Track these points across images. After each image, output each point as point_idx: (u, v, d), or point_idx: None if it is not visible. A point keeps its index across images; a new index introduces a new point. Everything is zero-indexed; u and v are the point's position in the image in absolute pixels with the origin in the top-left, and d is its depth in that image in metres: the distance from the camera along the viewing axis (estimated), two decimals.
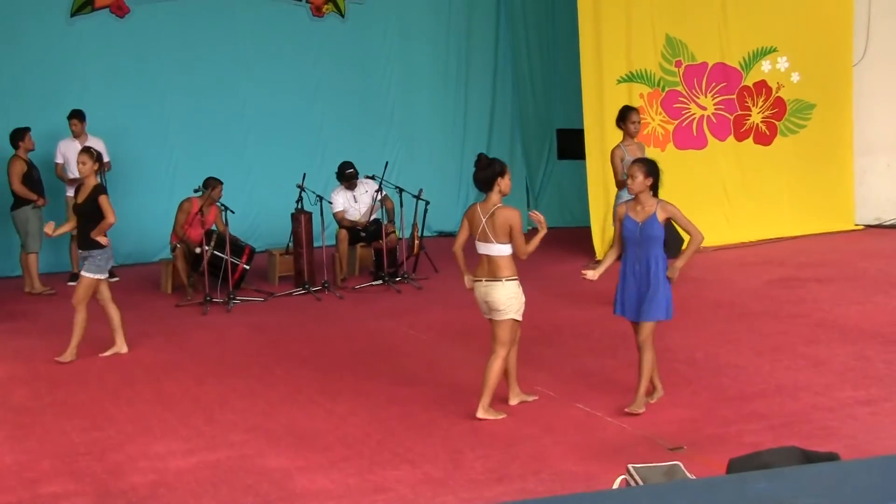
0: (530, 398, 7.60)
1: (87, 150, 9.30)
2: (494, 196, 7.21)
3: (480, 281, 7.26)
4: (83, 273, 9.14)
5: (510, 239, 7.14)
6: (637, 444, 6.68)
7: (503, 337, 7.23)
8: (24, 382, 8.66)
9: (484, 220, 7.17)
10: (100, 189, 9.24)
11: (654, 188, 7.21)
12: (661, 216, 7.13)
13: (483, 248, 7.24)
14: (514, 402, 7.53)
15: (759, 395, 7.54)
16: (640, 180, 7.16)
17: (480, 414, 7.24)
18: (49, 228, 9.34)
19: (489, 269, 7.21)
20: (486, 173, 7.20)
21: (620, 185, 10.00)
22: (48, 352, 9.21)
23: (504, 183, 7.20)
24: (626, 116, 10.43)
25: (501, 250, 7.16)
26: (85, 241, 9.13)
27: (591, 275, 7.33)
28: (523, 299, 7.30)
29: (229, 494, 6.18)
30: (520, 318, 7.30)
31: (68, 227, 9.64)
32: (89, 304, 9.17)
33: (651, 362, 7.22)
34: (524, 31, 15.60)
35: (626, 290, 7.28)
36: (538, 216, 7.30)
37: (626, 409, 7.18)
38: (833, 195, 14.15)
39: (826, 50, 14.05)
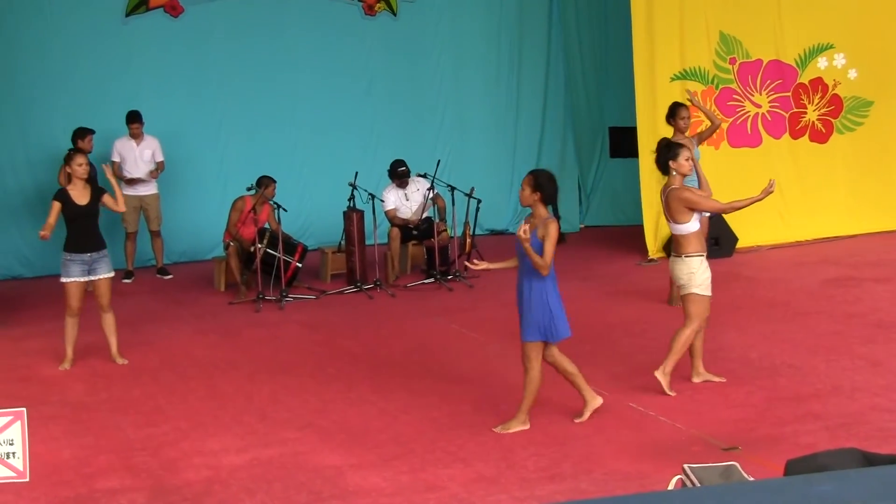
0: (717, 378, 7.72)
1: (83, 153, 9.20)
2: (671, 178, 7.63)
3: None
4: (107, 276, 8.93)
5: (690, 217, 7.47)
6: (691, 443, 6.64)
7: (689, 310, 7.56)
8: (81, 378, 8.77)
9: (662, 202, 7.68)
10: (101, 189, 9.06)
11: (547, 201, 6.85)
12: (539, 233, 6.78)
13: (671, 227, 7.71)
14: (697, 380, 7.72)
15: (814, 396, 7.45)
16: (525, 194, 6.86)
17: (658, 374, 7.54)
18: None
19: (675, 245, 7.64)
20: (660, 158, 7.67)
21: None
22: (104, 348, 9.30)
23: (677, 164, 7.59)
24: (675, 113, 10.44)
25: (680, 229, 7.55)
26: (96, 241, 8.91)
27: (482, 265, 7.23)
28: (708, 275, 7.53)
29: (283, 491, 6.21)
30: (704, 293, 7.54)
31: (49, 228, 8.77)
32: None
33: (533, 382, 6.97)
34: (576, 27, 15.50)
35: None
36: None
37: (496, 428, 7.04)
38: (891, 193, 13.90)
39: (884, 46, 13.80)
